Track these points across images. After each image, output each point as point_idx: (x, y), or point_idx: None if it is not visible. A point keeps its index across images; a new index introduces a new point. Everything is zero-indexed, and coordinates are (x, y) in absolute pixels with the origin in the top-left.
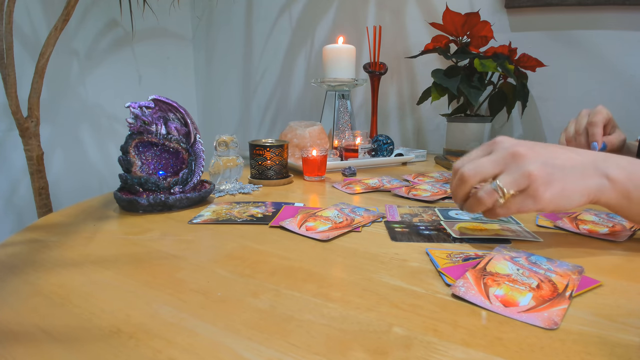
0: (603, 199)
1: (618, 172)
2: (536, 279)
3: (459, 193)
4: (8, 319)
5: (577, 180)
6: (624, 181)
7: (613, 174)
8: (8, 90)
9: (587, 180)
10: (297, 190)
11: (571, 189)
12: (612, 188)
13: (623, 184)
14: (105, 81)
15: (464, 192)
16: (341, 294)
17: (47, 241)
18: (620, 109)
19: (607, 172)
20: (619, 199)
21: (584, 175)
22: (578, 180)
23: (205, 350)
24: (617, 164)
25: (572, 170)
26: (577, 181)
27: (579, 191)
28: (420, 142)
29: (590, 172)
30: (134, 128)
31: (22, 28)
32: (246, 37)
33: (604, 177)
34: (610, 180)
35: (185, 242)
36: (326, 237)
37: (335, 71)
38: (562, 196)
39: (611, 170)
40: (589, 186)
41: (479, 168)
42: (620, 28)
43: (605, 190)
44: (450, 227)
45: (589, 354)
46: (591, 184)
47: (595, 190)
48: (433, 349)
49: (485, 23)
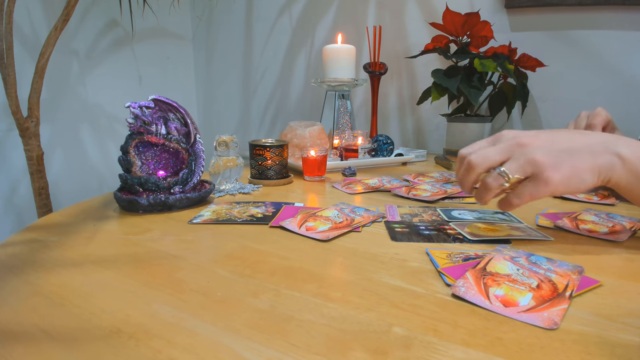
0: (614, 177)
1: (628, 151)
2: (536, 279)
3: (467, 181)
4: (8, 319)
5: (587, 159)
6: (634, 160)
7: (623, 153)
8: (8, 90)
9: (597, 158)
10: (297, 190)
11: (582, 168)
12: (623, 166)
13: (633, 163)
14: (105, 81)
15: (472, 180)
16: (341, 294)
17: (47, 241)
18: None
19: (618, 151)
20: (630, 177)
21: (594, 154)
22: (587, 158)
23: (205, 350)
24: (626, 143)
25: (579, 150)
26: (587, 160)
27: (590, 169)
28: (420, 142)
29: (599, 151)
30: (134, 128)
31: (22, 28)
32: (246, 37)
33: (614, 155)
34: (620, 158)
35: (185, 242)
36: (326, 237)
37: (335, 71)
38: (572, 176)
39: (622, 149)
40: (600, 163)
41: (485, 155)
42: (620, 28)
43: (617, 168)
44: (462, 229)
45: (589, 354)
46: (602, 161)
47: (606, 169)
48: (433, 349)
49: (485, 23)
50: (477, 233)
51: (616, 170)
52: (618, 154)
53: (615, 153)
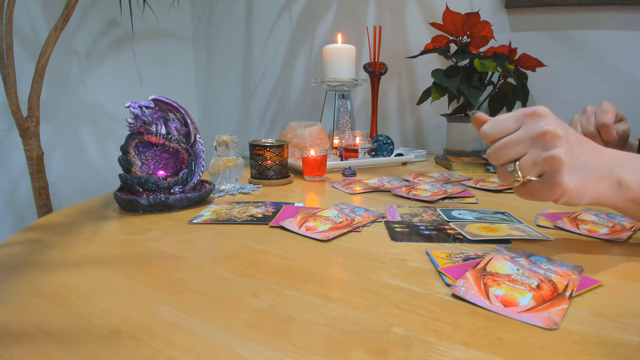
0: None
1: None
2: (536, 279)
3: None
4: (8, 319)
5: (594, 181)
6: (636, 188)
7: (626, 179)
8: (8, 90)
9: (601, 183)
10: (297, 190)
11: (587, 187)
12: (620, 194)
13: (634, 191)
14: (105, 81)
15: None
16: (341, 294)
17: (47, 241)
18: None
19: (620, 177)
20: (628, 203)
21: (600, 177)
22: (594, 180)
23: (205, 350)
24: (632, 168)
25: (592, 169)
26: (593, 181)
27: (592, 192)
28: (420, 142)
29: (604, 174)
30: (134, 128)
31: (22, 28)
32: (246, 37)
33: (614, 181)
34: (620, 185)
35: (185, 242)
36: (326, 237)
37: (335, 71)
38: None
39: (625, 175)
40: (600, 190)
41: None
42: (620, 28)
43: (612, 195)
44: (461, 229)
45: (589, 354)
46: (602, 187)
47: (603, 195)
48: (433, 349)
49: (485, 23)
50: (477, 233)
51: (612, 197)
52: (619, 180)
53: (617, 179)
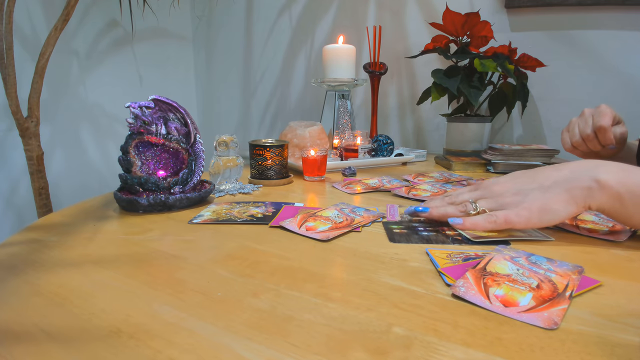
0: (594, 203)
1: (609, 177)
2: (536, 279)
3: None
4: (8, 319)
5: (559, 193)
6: (615, 185)
7: (603, 178)
8: (8, 90)
9: (573, 190)
10: (297, 190)
11: (553, 202)
12: (602, 192)
13: (613, 188)
14: (105, 81)
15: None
16: (341, 294)
17: (47, 241)
18: (620, 109)
19: (597, 177)
20: (612, 202)
21: (569, 186)
22: (560, 192)
23: (205, 350)
24: (607, 169)
25: (550, 186)
26: (559, 193)
27: (564, 201)
28: (420, 142)
29: (577, 182)
30: (134, 128)
31: (22, 28)
32: (246, 37)
33: (592, 182)
34: (599, 184)
35: (185, 242)
36: (326, 237)
37: (335, 71)
38: (542, 211)
39: (601, 175)
40: (575, 195)
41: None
42: (620, 28)
43: (595, 194)
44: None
45: (589, 354)
46: (577, 191)
47: (583, 197)
48: (433, 349)
49: (485, 23)
50: (478, 234)
51: (594, 197)
52: (597, 180)
53: (594, 179)
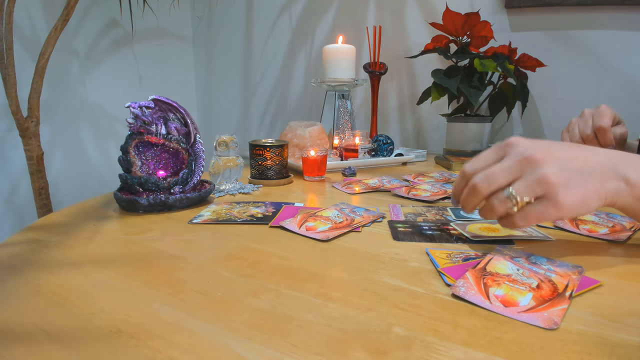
0: (619, 202)
1: (637, 176)
2: (536, 279)
3: (470, 203)
4: (8, 319)
5: (596, 184)
6: None
7: (631, 177)
8: (8, 90)
9: (605, 183)
10: (297, 190)
11: (590, 194)
12: (629, 192)
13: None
14: (105, 81)
15: (475, 203)
16: (341, 294)
17: (47, 241)
18: (620, 109)
19: (625, 175)
20: (635, 202)
21: (602, 178)
22: (596, 183)
23: (205, 350)
24: (634, 165)
25: (590, 173)
26: (596, 185)
27: (597, 195)
28: (420, 142)
29: (608, 174)
30: (134, 128)
31: (22, 28)
32: (246, 37)
33: (621, 180)
34: (628, 183)
35: (185, 242)
36: (326, 237)
37: (335, 71)
38: (582, 202)
39: (629, 172)
40: (607, 189)
41: (492, 178)
42: (620, 28)
43: (622, 194)
44: (462, 229)
45: (589, 354)
46: (609, 187)
47: (612, 194)
48: (433, 349)
49: (485, 23)
50: (478, 233)
51: (621, 196)
52: (625, 179)
53: (622, 177)
